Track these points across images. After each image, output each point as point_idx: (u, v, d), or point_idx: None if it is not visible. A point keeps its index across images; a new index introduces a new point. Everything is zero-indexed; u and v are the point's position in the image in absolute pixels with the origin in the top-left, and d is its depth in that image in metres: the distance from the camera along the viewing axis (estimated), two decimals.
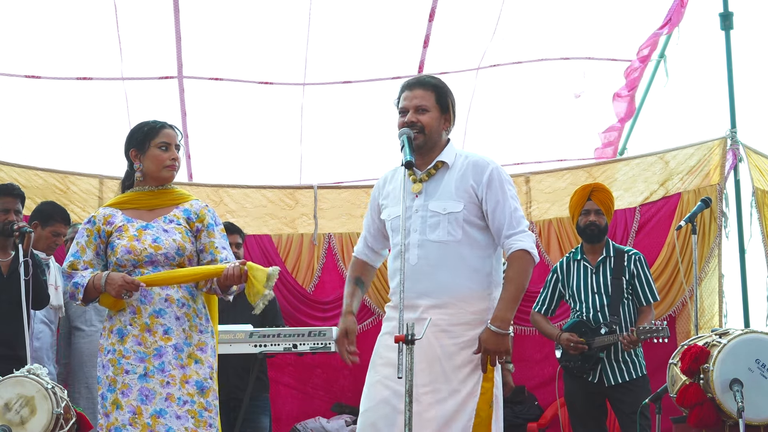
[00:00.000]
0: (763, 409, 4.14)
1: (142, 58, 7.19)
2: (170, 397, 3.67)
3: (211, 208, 4.00)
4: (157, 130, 3.89)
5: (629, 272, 5.43)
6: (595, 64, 7.62)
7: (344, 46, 7.34)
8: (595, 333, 5.37)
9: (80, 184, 6.93)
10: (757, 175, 6.64)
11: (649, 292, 5.44)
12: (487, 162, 3.65)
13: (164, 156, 3.86)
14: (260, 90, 7.49)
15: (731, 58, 6.66)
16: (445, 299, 3.53)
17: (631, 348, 5.27)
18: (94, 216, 3.87)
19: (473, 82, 7.61)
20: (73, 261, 3.81)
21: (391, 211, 3.68)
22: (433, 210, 3.60)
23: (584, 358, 5.40)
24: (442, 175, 3.65)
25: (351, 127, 7.60)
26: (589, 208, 5.50)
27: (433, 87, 3.69)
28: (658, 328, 5.19)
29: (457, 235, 3.55)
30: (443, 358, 3.51)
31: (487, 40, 7.31)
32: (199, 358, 3.77)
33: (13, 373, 4.04)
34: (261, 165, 7.87)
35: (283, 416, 6.99)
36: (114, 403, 3.64)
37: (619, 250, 5.51)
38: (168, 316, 3.74)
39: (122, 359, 3.68)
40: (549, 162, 7.94)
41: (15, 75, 7.07)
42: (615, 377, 5.35)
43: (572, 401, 5.56)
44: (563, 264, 5.66)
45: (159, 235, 3.80)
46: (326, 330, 5.38)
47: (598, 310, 5.42)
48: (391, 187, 3.73)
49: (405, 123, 3.61)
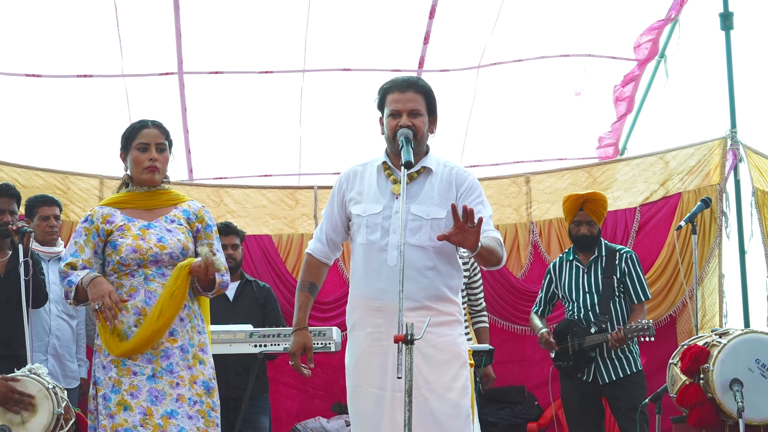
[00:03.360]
0: (763, 409, 4.14)
1: (142, 54, 7.19)
2: (180, 397, 3.67)
3: (207, 209, 4.01)
4: (137, 130, 3.87)
5: (620, 270, 5.46)
6: (595, 61, 7.61)
7: (344, 38, 7.35)
8: (586, 332, 5.39)
9: (80, 184, 6.92)
10: (757, 175, 6.64)
11: (641, 290, 5.47)
12: (468, 172, 3.71)
13: (143, 157, 3.84)
14: (260, 81, 7.48)
15: (731, 58, 6.66)
16: (423, 302, 3.54)
17: (617, 346, 5.30)
18: (91, 214, 3.85)
19: (474, 81, 7.61)
20: (72, 261, 3.78)
21: (367, 208, 3.63)
22: (415, 213, 3.59)
23: (576, 358, 5.42)
24: (425, 180, 3.65)
25: (350, 118, 7.59)
26: (580, 219, 5.56)
27: (424, 91, 3.67)
28: (644, 327, 5.23)
29: (436, 242, 3.54)
30: (431, 356, 3.52)
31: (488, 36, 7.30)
32: (202, 358, 3.79)
33: (13, 373, 4.04)
34: (261, 158, 7.87)
35: (283, 416, 6.98)
36: (120, 404, 3.63)
37: (611, 249, 5.56)
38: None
39: (128, 360, 3.67)
40: (549, 161, 7.94)
41: (15, 74, 7.07)
42: (609, 375, 5.37)
43: (568, 401, 5.58)
44: (556, 264, 5.73)
45: (163, 234, 3.80)
46: (326, 330, 5.37)
47: (589, 309, 5.46)
48: (367, 183, 3.68)
49: (400, 126, 3.58)
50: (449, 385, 3.53)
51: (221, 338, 5.20)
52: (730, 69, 6.65)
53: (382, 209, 3.57)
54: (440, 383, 3.52)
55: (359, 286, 3.65)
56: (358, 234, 3.66)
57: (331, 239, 3.79)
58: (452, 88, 7.54)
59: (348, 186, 3.74)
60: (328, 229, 3.79)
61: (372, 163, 3.73)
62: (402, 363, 3.04)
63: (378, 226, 3.57)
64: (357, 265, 3.68)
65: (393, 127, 3.60)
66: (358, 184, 3.71)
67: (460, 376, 3.56)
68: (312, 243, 3.85)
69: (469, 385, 3.61)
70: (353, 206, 3.69)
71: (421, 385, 3.50)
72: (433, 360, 3.53)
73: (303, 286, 3.80)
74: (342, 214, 3.75)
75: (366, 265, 3.61)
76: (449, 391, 3.53)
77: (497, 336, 6.80)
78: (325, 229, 3.80)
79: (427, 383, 3.52)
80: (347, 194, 3.73)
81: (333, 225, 3.78)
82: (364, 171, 3.73)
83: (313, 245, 3.84)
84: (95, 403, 3.71)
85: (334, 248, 3.82)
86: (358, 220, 3.67)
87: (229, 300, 5.78)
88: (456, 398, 3.53)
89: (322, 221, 3.84)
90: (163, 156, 3.89)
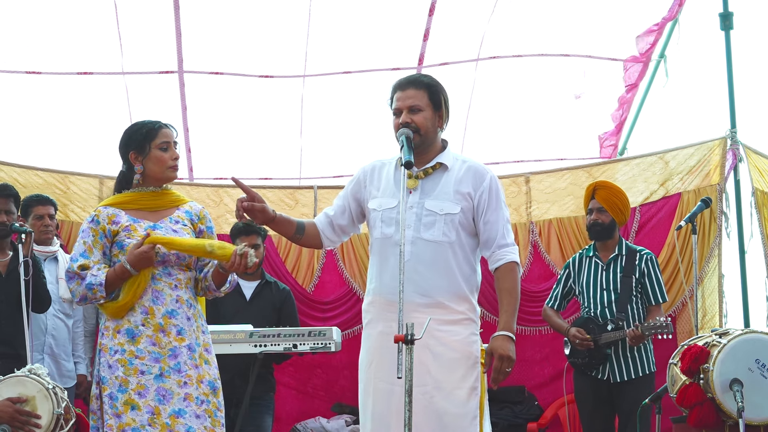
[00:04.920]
0: (763, 409, 4.14)
1: (142, 52, 7.19)
2: (188, 396, 3.68)
3: (206, 211, 4.05)
4: (156, 130, 3.88)
5: (639, 271, 5.46)
6: (595, 63, 7.61)
7: (344, 39, 7.35)
8: (602, 329, 5.39)
9: (80, 184, 6.93)
10: (756, 175, 6.64)
11: (659, 292, 5.48)
12: (486, 170, 3.71)
13: (166, 156, 3.87)
14: (260, 84, 7.49)
15: (731, 58, 6.66)
16: (437, 299, 3.55)
17: (636, 343, 5.30)
18: (96, 215, 3.84)
19: (473, 75, 7.60)
20: (84, 262, 3.77)
21: (383, 202, 3.67)
22: (429, 209, 3.61)
23: (591, 355, 5.42)
24: (440, 176, 3.67)
25: (350, 120, 7.61)
26: (591, 206, 5.58)
27: (425, 86, 3.69)
28: (662, 324, 5.22)
29: (451, 237, 3.58)
30: (441, 355, 3.52)
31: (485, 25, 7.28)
32: (207, 358, 3.82)
33: (14, 373, 4.03)
34: (262, 158, 7.88)
35: (283, 416, 6.98)
36: (127, 403, 3.63)
37: (631, 249, 5.55)
38: (180, 316, 3.76)
39: (135, 359, 3.67)
40: (549, 161, 7.94)
41: (15, 71, 7.07)
42: (621, 374, 5.36)
43: (582, 399, 5.57)
44: (575, 259, 5.71)
45: (169, 235, 3.81)
46: (326, 330, 5.37)
47: (605, 306, 5.45)
48: (385, 179, 3.72)
49: (400, 124, 3.63)
50: (458, 384, 3.53)
51: (221, 338, 5.20)
52: (729, 69, 6.65)
53: (397, 204, 3.58)
54: (449, 382, 3.52)
55: (374, 280, 3.68)
56: (375, 228, 3.70)
57: (332, 218, 3.82)
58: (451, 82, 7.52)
59: (368, 178, 3.78)
60: (335, 209, 3.83)
61: (391, 161, 3.78)
62: (402, 363, 3.04)
63: (393, 220, 3.60)
64: (374, 260, 3.72)
65: (396, 126, 3.66)
66: (377, 178, 3.75)
67: (469, 375, 3.55)
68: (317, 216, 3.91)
69: (479, 386, 3.60)
70: (371, 200, 3.73)
71: (429, 383, 3.50)
72: (442, 358, 3.53)
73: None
74: (352, 201, 3.80)
75: (381, 260, 3.65)
76: (457, 390, 3.52)
77: None
78: (334, 206, 3.85)
79: (435, 381, 3.51)
80: (366, 186, 3.76)
81: (339, 207, 3.82)
82: (383, 167, 3.77)
83: (317, 216, 3.90)
84: (99, 402, 3.71)
85: (333, 230, 3.82)
86: (374, 215, 3.71)
87: (245, 299, 5.78)
88: (464, 398, 3.53)
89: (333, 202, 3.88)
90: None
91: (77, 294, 3.77)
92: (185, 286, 3.83)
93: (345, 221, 3.83)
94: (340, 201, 3.84)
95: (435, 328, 3.49)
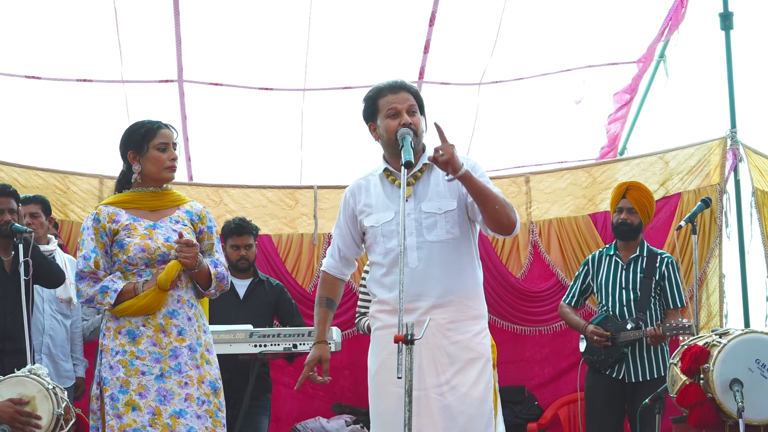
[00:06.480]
0: (763, 409, 4.14)
1: (142, 61, 7.17)
2: (189, 397, 3.69)
3: (208, 210, 4.05)
4: (155, 130, 3.88)
5: (659, 273, 5.46)
6: (595, 70, 7.60)
7: (344, 52, 7.32)
8: (621, 328, 5.37)
9: (80, 184, 6.93)
10: (757, 175, 6.63)
11: (678, 296, 5.47)
12: (464, 157, 3.63)
13: (164, 157, 3.86)
14: (260, 95, 7.48)
15: (731, 58, 6.66)
16: (449, 298, 3.54)
17: (656, 343, 5.29)
18: (97, 213, 3.85)
19: (476, 97, 7.58)
20: (96, 258, 3.78)
21: (380, 217, 3.64)
22: (427, 211, 3.59)
23: (608, 353, 5.40)
24: (428, 176, 3.65)
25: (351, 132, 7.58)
26: (622, 206, 5.57)
27: (413, 91, 3.69)
28: (684, 326, 5.20)
29: (455, 233, 3.57)
30: (456, 353, 3.51)
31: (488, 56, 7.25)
32: (208, 359, 3.82)
33: (14, 373, 4.04)
34: (261, 169, 7.84)
35: (283, 416, 6.98)
36: (128, 404, 3.63)
37: (653, 252, 5.55)
38: (181, 316, 3.77)
39: (136, 360, 3.68)
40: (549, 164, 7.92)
41: (15, 75, 7.07)
42: (637, 374, 5.35)
43: (592, 397, 5.56)
44: (595, 257, 5.71)
45: (170, 234, 3.82)
46: None
47: (624, 305, 5.44)
48: (374, 194, 3.68)
49: (401, 124, 3.57)
50: (473, 383, 3.50)
51: (221, 338, 5.20)
52: (729, 69, 6.65)
53: (394, 216, 3.57)
54: (464, 382, 3.49)
55: (384, 292, 3.61)
56: (376, 245, 3.65)
57: (344, 255, 3.79)
58: (453, 101, 7.52)
59: (354, 200, 3.73)
60: (341, 245, 3.79)
61: (373, 174, 3.73)
62: (402, 363, 3.03)
63: (393, 232, 3.57)
64: (377, 274, 3.66)
65: (393, 127, 3.58)
66: (365, 196, 3.71)
67: (484, 374, 3.53)
68: (326, 260, 3.85)
69: (492, 383, 3.58)
70: (365, 219, 3.68)
71: (442, 383, 3.48)
72: (456, 358, 3.51)
73: (321, 301, 3.79)
74: (352, 228, 3.75)
75: (390, 271, 3.58)
76: (473, 389, 3.49)
77: (497, 336, 6.75)
78: (337, 245, 3.80)
79: (449, 382, 3.49)
80: (356, 208, 3.72)
81: (344, 241, 3.78)
82: (368, 183, 3.73)
83: (326, 262, 3.84)
84: (99, 403, 3.71)
85: (347, 264, 3.81)
86: (372, 231, 3.66)
87: (239, 298, 5.78)
88: (480, 397, 3.50)
89: (333, 239, 3.84)
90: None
91: (85, 294, 3.77)
92: (186, 287, 3.83)
93: (353, 252, 3.79)
94: (341, 237, 3.77)
95: (448, 328, 3.50)
